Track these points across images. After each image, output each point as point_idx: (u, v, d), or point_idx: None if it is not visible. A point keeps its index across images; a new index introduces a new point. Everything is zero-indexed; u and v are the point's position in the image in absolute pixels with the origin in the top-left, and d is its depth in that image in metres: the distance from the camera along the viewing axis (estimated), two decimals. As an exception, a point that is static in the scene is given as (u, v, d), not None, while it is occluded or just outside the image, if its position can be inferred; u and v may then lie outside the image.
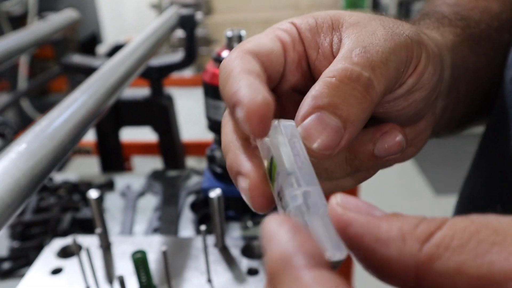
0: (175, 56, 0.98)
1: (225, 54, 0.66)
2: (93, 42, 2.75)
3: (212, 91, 0.67)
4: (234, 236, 0.72)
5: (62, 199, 0.82)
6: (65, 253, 0.60)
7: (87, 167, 1.36)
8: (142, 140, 1.28)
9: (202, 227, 0.54)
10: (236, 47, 0.29)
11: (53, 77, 2.32)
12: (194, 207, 0.79)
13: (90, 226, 0.73)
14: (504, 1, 0.44)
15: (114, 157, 1.01)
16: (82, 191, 0.85)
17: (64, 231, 0.73)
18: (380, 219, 0.19)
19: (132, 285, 0.53)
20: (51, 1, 2.32)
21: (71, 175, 0.95)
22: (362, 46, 0.27)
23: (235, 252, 0.58)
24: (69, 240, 0.60)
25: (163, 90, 0.97)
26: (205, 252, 0.54)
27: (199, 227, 0.55)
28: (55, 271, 0.57)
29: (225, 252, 0.58)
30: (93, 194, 0.57)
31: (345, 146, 0.25)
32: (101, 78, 0.55)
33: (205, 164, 0.78)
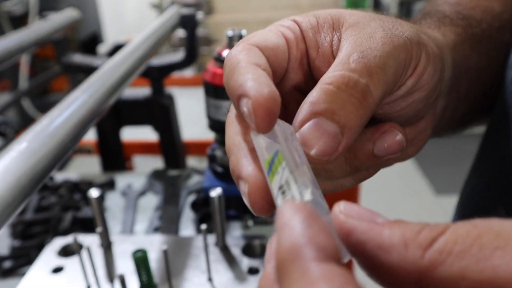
0: (176, 55, 0.98)
1: (226, 53, 0.66)
2: (94, 41, 2.75)
3: (213, 91, 0.67)
4: (235, 235, 0.72)
5: (63, 198, 0.82)
6: (66, 252, 0.60)
7: (88, 166, 1.36)
8: (143, 139, 1.28)
9: (203, 226, 0.54)
10: (242, 40, 0.29)
11: (54, 77, 2.32)
12: (195, 206, 0.79)
13: (91, 225, 0.73)
14: (505, 0, 0.44)
15: (115, 156, 1.01)
16: (83, 190, 0.85)
17: (65, 230, 0.73)
18: (383, 225, 0.19)
19: (133, 284, 0.53)
20: (51, 0, 2.32)
21: (72, 174, 0.95)
22: (360, 50, 0.27)
23: (236, 251, 0.58)
24: (70, 239, 0.61)
25: (164, 90, 0.97)
26: (205, 251, 0.54)
27: (200, 226, 0.55)
28: (56, 270, 0.57)
29: (225, 251, 0.58)
30: (94, 193, 0.57)
31: (342, 152, 0.25)
32: (101, 77, 0.55)
33: (205, 163, 0.78)
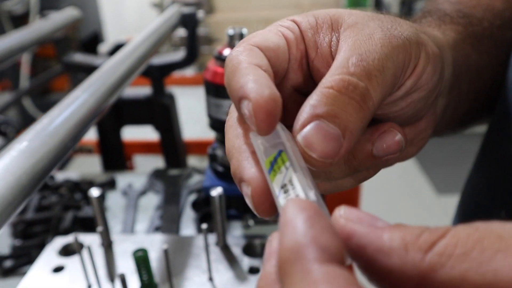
0: (177, 54, 0.98)
1: (227, 52, 0.66)
2: (94, 40, 2.75)
3: (213, 90, 0.67)
4: (236, 234, 0.72)
5: (63, 197, 0.82)
6: (67, 251, 0.60)
7: (88, 166, 1.36)
8: (144, 139, 1.28)
9: (204, 225, 0.54)
10: (243, 40, 0.29)
11: (54, 76, 2.31)
12: (196, 205, 0.79)
13: (92, 224, 0.73)
14: None
15: (115, 155, 1.01)
16: (83, 190, 0.85)
17: (65, 229, 0.73)
18: (382, 229, 0.19)
19: (134, 283, 0.53)
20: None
21: (73, 173, 0.95)
22: (359, 53, 0.26)
23: (237, 250, 0.58)
24: (70, 238, 0.61)
25: (164, 89, 0.97)
26: (206, 251, 0.54)
27: (201, 225, 0.55)
28: (56, 269, 0.57)
29: (226, 250, 0.58)
30: (94, 192, 0.57)
31: (344, 155, 0.25)
32: (102, 76, 0.55)
33: (206, 162, 0.78)
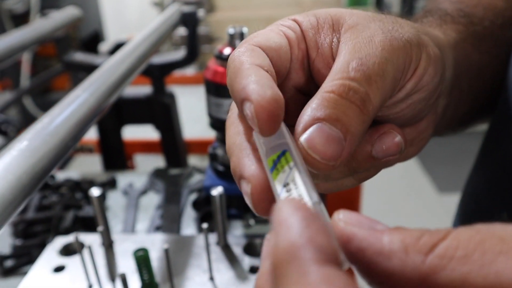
0: (177, 54, 0.98)
1: (227, 51, 0.66)
2: (95, 40, 2.75)
3: (214, 89, 0.67)
4: (236, 234, 0.72)
5: (64, 197, 0.82)
6: (68, 251, 0.60)
7: (89, 165, 1.36)
8: (144, 138, 1.28)
9: (204, 225, 0.54)
10: (245, 40, 0.29)
11: (55, 75, 2.32)
12: (196, 205, 0.79)
13: (92, 224, 0.73)
14: None
15: (116, 155, 1.01)
16: (84, 189, 0.85)
17: (66, 229, 0.73)
18: (382, 232, 0.19)
19: (134, 283, 0.53)
20: (53, -2, 2.32)
21: (74, 173, 0.95)
22: (359, 57, 0.26)
23: (237, 250, 0.58)
24: (71, 238, 0.60)
25: (165, 88, 0.97)
26: (207, 250, 0.54)
27: (201, 225, 0.55)
28: (57, 269, 0.57)
29: (227, 250, 0.58)
30: (95, 192, 0.57)
31: (346, 157, 0.25)
32: (102, 75, 0.55)
33: (207, 162, 0.78)
